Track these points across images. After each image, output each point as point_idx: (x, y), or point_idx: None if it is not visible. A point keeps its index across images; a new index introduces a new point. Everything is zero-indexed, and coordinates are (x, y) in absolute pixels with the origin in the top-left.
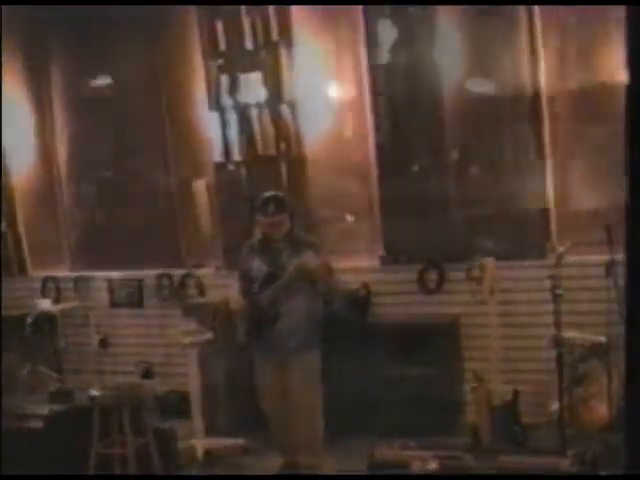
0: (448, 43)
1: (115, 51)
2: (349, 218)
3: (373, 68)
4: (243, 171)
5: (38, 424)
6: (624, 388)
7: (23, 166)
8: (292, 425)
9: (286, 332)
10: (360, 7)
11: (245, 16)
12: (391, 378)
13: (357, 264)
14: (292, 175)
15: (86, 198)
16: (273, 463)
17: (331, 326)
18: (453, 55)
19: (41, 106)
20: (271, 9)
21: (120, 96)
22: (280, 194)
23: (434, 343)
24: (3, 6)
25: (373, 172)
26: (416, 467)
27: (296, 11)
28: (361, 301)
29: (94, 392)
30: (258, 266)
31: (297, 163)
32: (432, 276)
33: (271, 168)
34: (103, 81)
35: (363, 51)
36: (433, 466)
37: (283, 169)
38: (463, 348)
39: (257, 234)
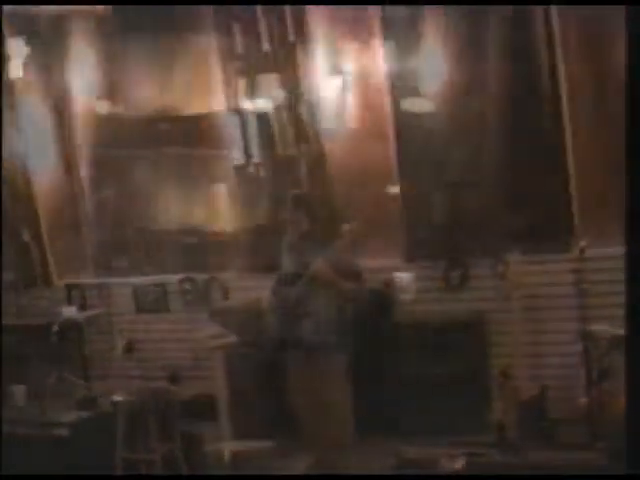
0: None
1: (133, 54)
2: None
3: (392, 66)
4: (263, 172)
5: (64, 431)
6: (625, 388)
7: (45, 175)
8: (322, 424)
9: (312, 331)
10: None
11: (261, 18)
12: (416, 376)
13: (380, 262)
14: (312, 175)
15: (108, 204)
16: (301, 465)
17: (355, 325)
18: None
19: (61, 114)
20: (287, 10)
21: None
22: (298, 192)
23: (459, 340)
24: (22, 9)
25: (394, 170)
26: (444, 465)
27: (312, 11)
28: (385, 299)
29: (117, 398)
30: (286, 264)
31: (317, 163)
32: (456, 273)
33: (291, 168)
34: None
35: (380, 49)
36: (460, 464)
37: (303, 169)
38: (489, 344)
39: (288, 233)
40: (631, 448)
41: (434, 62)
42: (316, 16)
